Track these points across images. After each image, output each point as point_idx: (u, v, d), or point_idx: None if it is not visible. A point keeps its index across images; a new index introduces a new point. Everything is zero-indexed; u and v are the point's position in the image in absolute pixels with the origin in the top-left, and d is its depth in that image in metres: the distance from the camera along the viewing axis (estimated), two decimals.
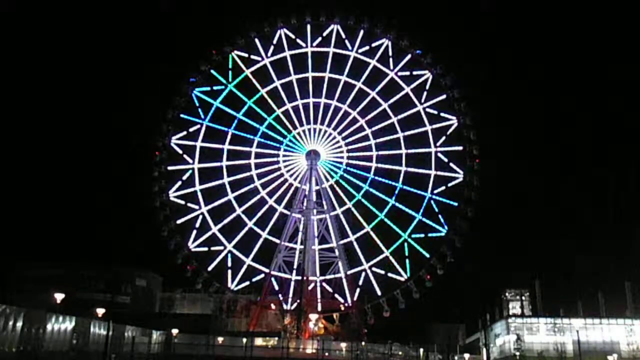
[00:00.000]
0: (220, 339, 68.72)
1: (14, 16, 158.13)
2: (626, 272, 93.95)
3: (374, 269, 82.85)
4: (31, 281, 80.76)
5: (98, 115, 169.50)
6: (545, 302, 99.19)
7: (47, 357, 42.68)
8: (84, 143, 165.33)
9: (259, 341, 73.38)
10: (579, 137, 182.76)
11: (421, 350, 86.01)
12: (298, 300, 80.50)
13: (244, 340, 68.37)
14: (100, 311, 50.13)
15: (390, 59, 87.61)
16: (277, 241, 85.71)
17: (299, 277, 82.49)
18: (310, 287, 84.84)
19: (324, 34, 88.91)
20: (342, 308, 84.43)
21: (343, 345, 72.65)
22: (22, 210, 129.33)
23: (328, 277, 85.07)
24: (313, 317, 78.15)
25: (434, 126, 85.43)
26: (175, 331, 66.35)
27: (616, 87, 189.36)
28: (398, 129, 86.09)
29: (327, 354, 68.77)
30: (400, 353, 78.28)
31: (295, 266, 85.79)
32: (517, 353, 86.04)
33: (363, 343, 76.47)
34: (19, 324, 39.68)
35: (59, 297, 46.05)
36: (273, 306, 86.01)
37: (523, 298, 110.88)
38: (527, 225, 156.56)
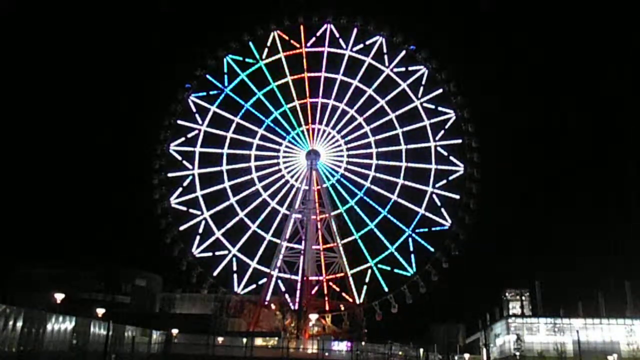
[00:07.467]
0: (220, 339, 68.60)
1: (14, 16, 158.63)
2: (626, 272, 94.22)
3: (379, 265, 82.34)
4: (31, 281, 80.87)
5: (98, 115, 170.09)
6: (545, 302, 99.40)
7: (47, 357, 42.50)
8: (84, 144, 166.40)
9: (259, 341, 73.20)
10: (579, 135, 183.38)
11: (421, 350, 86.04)
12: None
13: (244, 340, 68.49)
14: (100, 311, 50.27)
15: (385, 56, 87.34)
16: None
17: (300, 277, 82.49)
18: (316, 287, 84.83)
19: (318, 34, 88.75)
20: (342, 308, 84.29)
21: (343, 344, 72.69)
22: (23, 210, 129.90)
23: (331, 276, 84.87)
24: (313, 317, 78.12)
25: (432, 120, 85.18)
26: (175, 331, 66.43)
27: (616, 86, 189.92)
28: (396, 125, 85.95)
29: (327, 354, 68.83)
30: (400, 353, 78.14)
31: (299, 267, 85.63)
32: (517, 353, 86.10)
33: (363, 343, 76.53)
34: (19, 324, 39.42)
35: (59, 297, 46.26)
36: (273, 306, 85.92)
37: (523, 298, 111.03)
38: (528, 225, 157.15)
